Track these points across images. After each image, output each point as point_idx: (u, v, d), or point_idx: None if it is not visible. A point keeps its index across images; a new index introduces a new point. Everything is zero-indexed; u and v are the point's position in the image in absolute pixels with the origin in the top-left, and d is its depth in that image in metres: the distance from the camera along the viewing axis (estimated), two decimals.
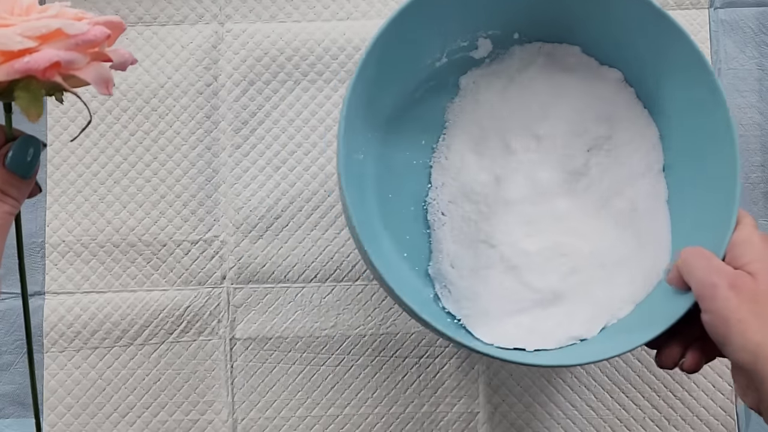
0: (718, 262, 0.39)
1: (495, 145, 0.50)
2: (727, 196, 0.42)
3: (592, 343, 0.45)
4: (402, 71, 0.48)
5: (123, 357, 0.55)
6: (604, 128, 0.50)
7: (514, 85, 0.51)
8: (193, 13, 0.57)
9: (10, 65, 0.26)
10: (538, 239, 0.48)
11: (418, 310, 0.40)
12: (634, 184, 0.49)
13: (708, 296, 0.37)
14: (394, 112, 0.50)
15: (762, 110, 0.57)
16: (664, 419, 0.55)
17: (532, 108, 0.50)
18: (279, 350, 0.55)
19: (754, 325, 0.35)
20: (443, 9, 0.46)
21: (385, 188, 0.50)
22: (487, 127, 0.50)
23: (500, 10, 0.48)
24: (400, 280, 0.46)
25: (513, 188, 0.49)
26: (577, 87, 0.50)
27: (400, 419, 0.55)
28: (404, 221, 0.50)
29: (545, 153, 0.49)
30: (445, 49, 0.50)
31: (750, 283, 0.36)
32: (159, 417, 0.54)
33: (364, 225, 0.43)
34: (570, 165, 0.49)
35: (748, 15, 0.58)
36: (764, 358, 0.34)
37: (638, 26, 0.46)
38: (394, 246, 0.49)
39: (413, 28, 0.46)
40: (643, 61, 0.48)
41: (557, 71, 0.50)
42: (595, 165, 0.50)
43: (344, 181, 0.42)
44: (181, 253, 0.56)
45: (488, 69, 0.51)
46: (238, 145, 0.57)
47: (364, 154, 0.49)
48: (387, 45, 0.44)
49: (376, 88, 0.46)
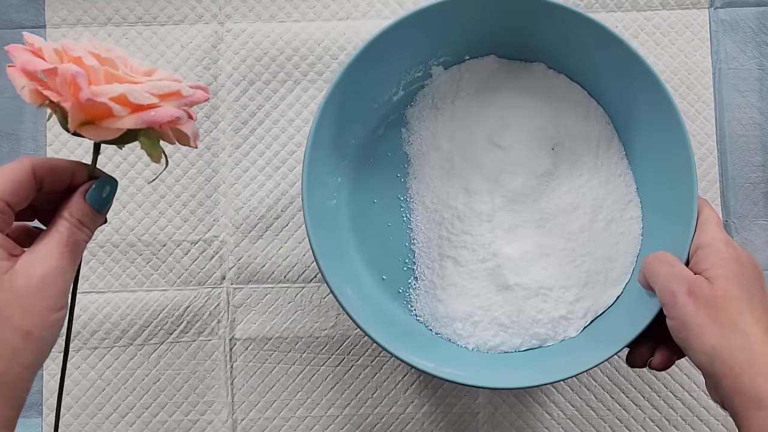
0: (679, 268, 0.40)
1: (461, 165, 0.51)
2: (687, 192, 0.44)
3: (576, 353, 0.47)
4: (362, 111, 0.50)
5: (122, 357, 0.55)
6: (563, 125, 0.51)
7: (463, 104, 0.52)
8: (192, 13, 0.57)
9: (139, 116, 0.31)
10: (520, 245, 0.49)
11: (390, 347, 0.43)
12: (602, 175, 0.51)
13: (669, 303, 0.39)
14: (360, 152, 0.52)
15: (762, 110, 0.57)
16: (665, 419, 0.55)
17: (489, 121, 0.51)
18: (279, 350, 0.55)
19: (710, 329, 0.37)
20: (395, 47, 0.47)
21: (361, 227, 0.51)
22: (447, 150, 0.51)
23: (450, 37, 0.49)
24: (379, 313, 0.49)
25: (488, 200, 0.50)
26: (528, 93, 0.52)
27: (401, 420, 0.55)
28: (383, 255, 0.51)
29: (512, 161, 0.50)
30: (401, 82, 0.52)
31: (707, 288, 0.38)
32: (158, 417, 0.54)
33: (335, 263, 0.46)
34: (539, 168, 0.50)
35: (748, 15, 0.58)
36: (720, 360, 0.36)
37: (596, 48, 0.47)
38: (372, 277, 0.51)
39: (369, 69, 0.47)
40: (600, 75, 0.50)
41: (507, 83, 0.52)
42: (563, 161, 0.51)
43: (312, 230, 0.44)
44: (180, 253, 0.56)
45: (435, 94, 0.52)
46: (238, 144, 0.56)
47: (336, 200, 0.50)
48: (345, 90, 0.46)
49: (338, 131, 0.48)
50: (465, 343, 0.49)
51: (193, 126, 0.35)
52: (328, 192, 0.49)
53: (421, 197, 0.52)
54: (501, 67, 0.52)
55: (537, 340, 0.49)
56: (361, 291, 0.49)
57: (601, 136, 0.51)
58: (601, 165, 0.51)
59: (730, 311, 0.37)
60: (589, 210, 0.50)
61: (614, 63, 0.47)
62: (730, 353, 0.36)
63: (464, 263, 0.50)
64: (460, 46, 0.51)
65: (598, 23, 0.45)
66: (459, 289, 0.49)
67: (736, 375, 0.35)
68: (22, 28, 0.57)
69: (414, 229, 0.52)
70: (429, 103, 0.52)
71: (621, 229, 0.50)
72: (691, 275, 0.39)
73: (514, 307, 0.49)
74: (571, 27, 0.46)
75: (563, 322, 0.49)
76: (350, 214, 0.51)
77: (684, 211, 0.44)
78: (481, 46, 0.51)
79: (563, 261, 0.49)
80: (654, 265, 0.41)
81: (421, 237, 0.51)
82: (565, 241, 0.50)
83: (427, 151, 0.52)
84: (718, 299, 0.37)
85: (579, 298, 0.49)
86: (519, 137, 0.50)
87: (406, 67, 0.50)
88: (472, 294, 0.49)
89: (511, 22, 0.48)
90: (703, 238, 0.42)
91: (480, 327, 0.49)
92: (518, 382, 0.44)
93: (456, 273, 0.50)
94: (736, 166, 0.56)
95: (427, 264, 0.51)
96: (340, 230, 0.50)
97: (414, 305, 0.51)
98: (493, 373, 0.46)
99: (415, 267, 0.51)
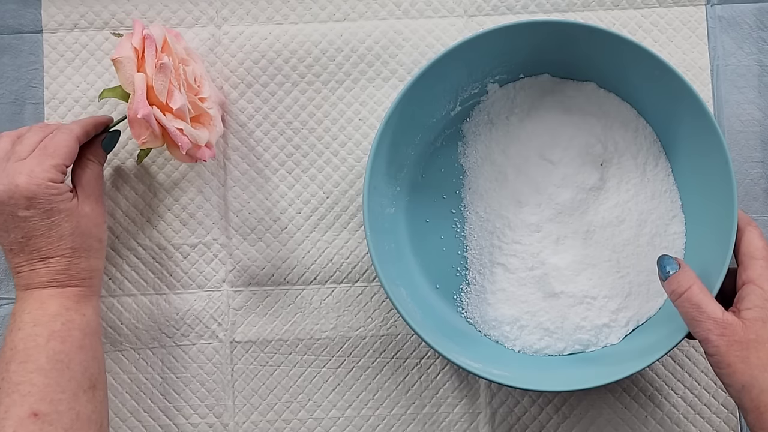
0: (709, 310, 0.43)
1: (514, 178, 0.53)
2: (727, 210, 0.47)
3: (617, 359, 0.50)
4: (421, 125, 0.53)
5: (123, 361, 0.55)
6: (612, 142, 0.53)
7: (517, 120, 0.54)
8: (189, 16, 0.57)
9: None
10: (567, 255, 0.52)
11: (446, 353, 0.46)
12: (648, 191, 0.53)
13: (703, 345, 0.43)
14: (418, 164, 0.55)
15: (761, 106, 0.57)
16: (666, 417, 0.54)
17: (541, 137, 0.53)
18: (280, 353, 0.55)
19: (741, 369, 0.42)
20: (455, 67, 0.50)
21: (417, 235, 0.54)
22: (501, 163, 0.54)
23: (507, 58, 0.52)
24: (431, 315, 0.52)
25: (537, 212, 0.53)
26: (579, 110, 0.54)
27: (402, 420, 0.55)
28: (437, 260, 0.54)
29: (562, 176, 0.52)
30: (458, 98, 0.54)
31: (740, 331, 0.42)
32: (159, 421, 0.54)
33: (394, 272, 0.50)
34: (587, 182, 0.52)
35: (746, 11, 0.57)
36: (748, 398, 0.41)
37: (645, 73, 0.50)
38: (426, 281, 0.54)
39: (428, 87, 0.50)
40: (647, 95, 0.52)
41: (559, 100, 0.54)
42: (611, 177, 0.53)
43: (371, 238, 0.47)
44: (180, 256, 0.55)
45: (491, 109, 0.55)
46: (236, 147, 0.56)
47: (395, 208, 0.53)
48: (404, 108, 0.49)
49: (398, 143, 0.51)
50: (512, 345, 0.52)
51: None
52: (387, 200, 0.52)
53: (475, 207, 0.54)
54: (554, 85, 0.55)
55: (580, 345, 0.52)
56: (416, 294, 0.52)
57: (648, 154, 0.53)
58: (648, 181, 0.53)
59: (761, 353, 0.41)
60: (635, 224, 0.52)
61: (661, 85, 0.49)
62: (758, 393, 0.41)
63: (513, 270, 0.52)
64: (515, 65, 0.54)
65: (646, 49, 0.48)
66: (508, 294, 0.52)
67: (760, 413, 0.41)
68: (19, 33, 0.57)
69: (467, 236, 0.54)
70: (484, 119, 0.55)
71: (665, 243, 0.52)
72: (720, 316, 0.43)
73: (559, 313, 0.51)
74: (621, 51, 0.49)
75: (605, 329, 0.51)
76: (407, 222, 0.54)
77: (724, 229, 0.47)
78: (535, 65, 0.54)
79: (608, 272, 0.52)
80: (684, 308, 0.44)
81: (473, 244, 0.54)
82: (611, 253, 0.52)
83: (481, 164, 0.54)
84: (750, 342, 0.42)
85: (622, 307, 0.51)
86: (569, 153, 0.53)
87: (463, 84, 0.53)
88: (520, 299, 0.52)
89: (564, 45, 0.51)
90: (751, 274, 0.45)
91: (526, 331, 0.52)
92: (562, 386, 0.47)
93: (505, 279, 0.52)
94: (736, 163, 0.56)
95: (478, 270, 0.54)
96: (398, 237, 0.54)
97: (465, 308, 0.54)
98: (538, 377, 0.49)
99: (467, 272, 0.54)
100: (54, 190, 0.45)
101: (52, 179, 0.45)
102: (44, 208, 0.45)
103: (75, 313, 0.45)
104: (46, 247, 0.45)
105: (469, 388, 0.55)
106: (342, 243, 0.56)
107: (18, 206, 0.44)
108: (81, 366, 0.44)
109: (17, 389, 0.42)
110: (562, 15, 0.57)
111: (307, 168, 0.56)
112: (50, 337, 0.44)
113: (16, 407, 0.42)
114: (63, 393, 0.43)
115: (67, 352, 0.44)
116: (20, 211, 0.44)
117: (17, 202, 0.44)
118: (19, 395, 0.42)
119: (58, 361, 0.43)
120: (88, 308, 0.47)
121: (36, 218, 0.45)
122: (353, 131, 0.57)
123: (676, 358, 0.55)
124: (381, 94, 0.57)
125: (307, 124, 0.57)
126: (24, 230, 0.45)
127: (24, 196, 0.44)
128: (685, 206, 0.53)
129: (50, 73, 0.57)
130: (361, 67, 0.57)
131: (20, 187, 0.44)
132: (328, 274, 0.55)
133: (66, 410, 0.43)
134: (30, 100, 0.56)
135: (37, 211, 0.45)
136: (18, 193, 0.44)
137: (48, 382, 0.42)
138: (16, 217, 0.44)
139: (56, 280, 0.46)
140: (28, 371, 0.43)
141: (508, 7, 0.57)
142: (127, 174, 0.56)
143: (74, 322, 0.45)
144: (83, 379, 0.44)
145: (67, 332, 0.44)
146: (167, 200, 0.56)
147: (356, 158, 0.56)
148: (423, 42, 0.57)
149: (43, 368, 0.43)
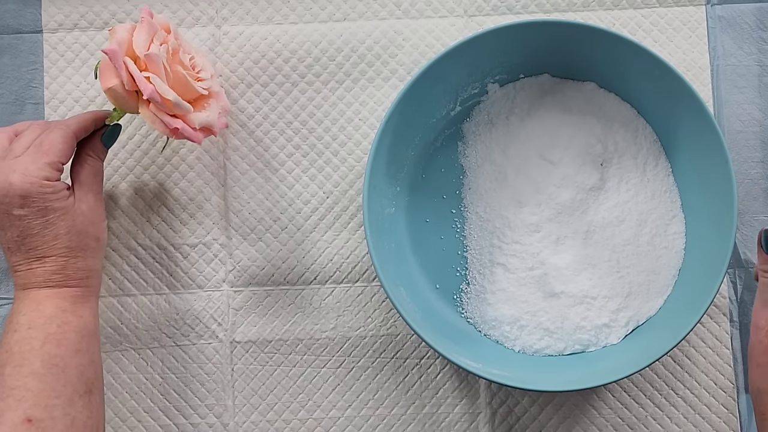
0: None
1: (513, 178, 0.53)
2: (727, 209, 0.48)
3: (617, 359, 0.50)
4: (421, 125, 0.53)
5: (123, 361, 0.55)
6: (612, 142, 0.53)
7: (517, 120, 0.55)
8: (189, 16, 0.57)
9: None
10: (567, 255, 0.52)
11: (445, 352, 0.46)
12: (648, 191, 0.53)
13: (754, 328, 0.47)
14: (418, 164, 0.55)
15: (761, 106, 0.57)
16: (666, 417, 0.54)
17: (541, 137, 0.53)
18: (280, 353, 0.55)
19: (757, 375, 0.46)
20: (455, 67, 0.50)
21: (417, 235, 0.54)
22: (501, 163, 0.54)
23: (507, 58, 0.52)
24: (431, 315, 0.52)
25: (537, 212, 0.53)
26: (579, 110, 0.54)
27: (402, 420, 0.55)
28: (437, 260, 0.54)
29: (561, 176, 0.53)
30: (458, 98, 0.54)
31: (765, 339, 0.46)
32: (160, 421, 0.54)
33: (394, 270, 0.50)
34: (587, 182, 0.52)
35: (746, 11, 0.57)
36: (764, 403, 0.45)
37: (645, 73, 0.50)
38: (426, 281, 0.54)
39: (428, 87, 0.50)
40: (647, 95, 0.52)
41: (559, 100, 0.54)
42: (611, 177, 0.53)
43: (371, 238, 0.47)
44: (180, 256, 0.55)
45: (491, 109, 0.55)
46: (235, 147, 0.56)
47: (395, 208, 0.53)
48: (404, 108, 0.49)
49: (398, 143, 0.51)
50: (512, 345, 0.52)
51: None
52: (387, 200, 0.52)
53: (475, 207, 0.54)
54: (554, 85, 0.55)
55: (580, 345, 0.52)
56: (416, 294, 0.52)
57: (648, 154, 0.53)
58: (648, 181, 0.53)
59: None
60: (635, 224, 0.52)
61: (661, 85, 0.49)
62: None
63: (513, 270, 0.52)
64: (515, 65, 0.54)
65: (646, 49, 0.48)
66: (508, 294, 0.52)
67: (765, 418, 0.43)
68: (19, 33, 0.57)
69: (467, 236, 0.54)
70: (484, 119, 0.55)
71: (665, 243, 0.52)
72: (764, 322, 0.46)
73: (559, 313, 0.52)
74: (621, 51, 0.49)
75: (605, 329, 0.51)
76: (407, 222, 0.54)
77: (724, 228, 0.47)
78: (535, 65, 0.54)
79: (608, 272, 0.52)
80: None
81: (473, 244, 0.54)
82: (610, 253, 0.52)
83: (481, 163, 0.55)
84: None
85: (621, 307, 0.52)
86: (569, 153, 0.53)
87: (463, 84, 0.53)
88: (520, 299, 0.52)
89: (564, 45, 0.51)
90: None
91: (526, 331, 0.52)
92: (562, 386, 0.47)
93: (505, 279, 0.53)
94: (736, 163, 0.56)
95: (478, 269, 0.54)
96: (398, 237, 0.53)
97: (465, 308, 0.54)
98: (538, 377, 0.49)
99: (467, 272, 0.54)
100: (49, 188, 0.44)
101: (47, 177, 0.44)
102: (38, 206, 0.44)
103: (71, 315, 0.45)
104: (41, 246, 0.45)
105: (469, 388, 0.55)
106: (342, 243, 0.56)
107: (12, 205, 0.44)
108: (77, 370, 0.44)
109: (12, 393, 0.42)
110: (562, 15, 0.57)
111: (307, 168, 0.56)
112: (46, 341, 0.43)
113: (11, 412, 0.41)
114: (58, 398, 0.42)
115: (63, 355, 0.43)
116: (15, 209, 0.44)
117: (11, 200, 0.44)
118: (13, 400, 0.41)
119: (54, 365, 0.43)
120: (85, 309, 0.46)
121: (30, 217, 0.44)
122: (353, 131, 0.57)
123: (676, 358, 0.55)
124: (381, 94, 0.57)
125: (307, 124, 0.57)
126: (19, 229, 0.44)
127: (18, 194, 0.44)
128: (685, 206, 0.53)
129: (50, 73, 0.57)
130: (361, 67, 0.57)
131: (14, 186, 0.43)
132: (328, 274, 0.56)
133: (61, 416, 0.42)
134: (30, 100, 0.56)
135: (32, 210, 0.44)
136: (12, 192, 0.44)
137: (43, 387, 0.42)
138: (11, 215, 0.44)
139: (52, 280, 0.45)
140: (23, 375, 0.42)
141: (508, 7, 0.57)
142: (127, 174, 0.56)
143: (70, 324, 0.45)
144: (79, 383, 0.44)
145: (62, 335, 0.44)
146: (167, 200, 0.56)
147: (356, 158, 0.56)
148: (423, 42, 0.57)
149: (38, 372, 0.42)
